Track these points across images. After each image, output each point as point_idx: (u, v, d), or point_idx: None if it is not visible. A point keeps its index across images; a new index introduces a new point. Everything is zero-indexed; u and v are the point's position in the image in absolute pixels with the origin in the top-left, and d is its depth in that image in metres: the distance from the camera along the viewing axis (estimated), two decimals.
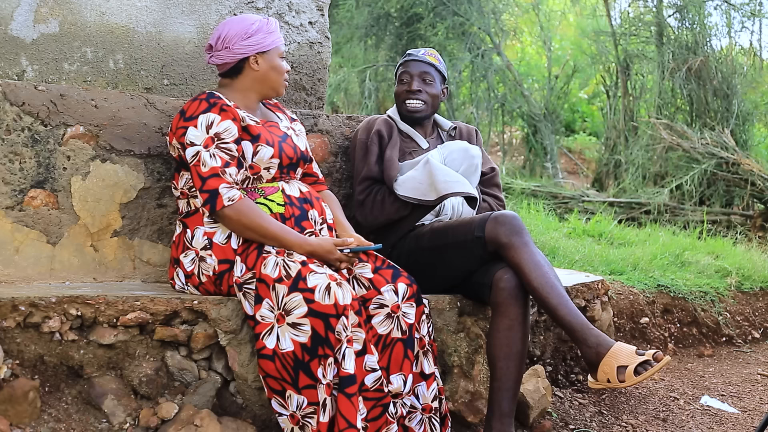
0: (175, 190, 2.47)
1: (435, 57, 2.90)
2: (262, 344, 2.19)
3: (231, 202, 2.27)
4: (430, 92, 2.86)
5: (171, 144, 2.43)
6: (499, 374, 2.46)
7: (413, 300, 2.39)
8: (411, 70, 2.88)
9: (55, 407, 2.14)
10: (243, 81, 2.49)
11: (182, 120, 2.36)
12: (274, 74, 2.50)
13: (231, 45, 2.44)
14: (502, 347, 2.46)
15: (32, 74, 2.64)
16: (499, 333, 2.46)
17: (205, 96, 2.39)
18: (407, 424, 2.37)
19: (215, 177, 2.29)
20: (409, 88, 2.86)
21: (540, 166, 10.83)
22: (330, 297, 2.14)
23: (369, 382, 2.21)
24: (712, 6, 9.81)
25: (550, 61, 12.26)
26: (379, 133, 2.83)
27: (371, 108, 10.44)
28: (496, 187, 2.96)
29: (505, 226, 2.46)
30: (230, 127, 2.35)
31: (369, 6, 10.51)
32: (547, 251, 4.63)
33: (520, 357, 2.46)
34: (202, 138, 2.32)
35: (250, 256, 2.29)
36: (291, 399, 2.17)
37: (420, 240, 2.69)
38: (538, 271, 2.40)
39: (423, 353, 2.40)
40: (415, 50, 2.93)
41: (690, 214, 7.50)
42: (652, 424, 2.95)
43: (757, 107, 9.35)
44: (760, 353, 4.11)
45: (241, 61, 2.47)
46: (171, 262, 2.47)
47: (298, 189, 2.47)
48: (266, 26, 2.48)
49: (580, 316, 2.36)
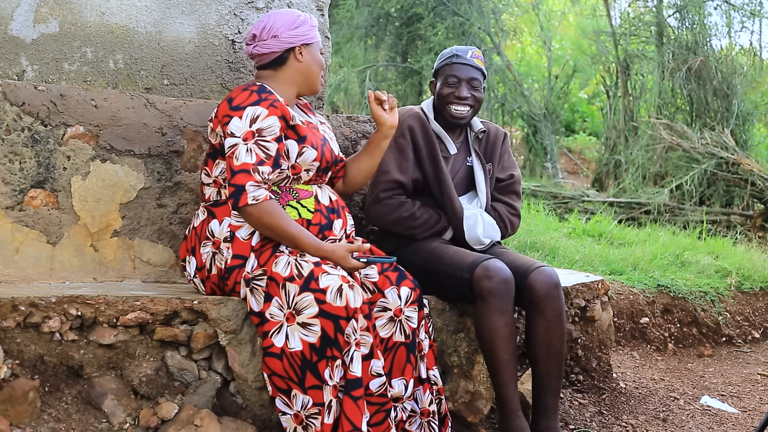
0: (207, 177, 2.42)
1: (481, 59, 2.80)
2: (270, 342, 2.19)
3: (255, 201, 2.23)
4: (477, 98, 2.77)
5: (214, 131, 2.38)
6: (540, 373, 2.55)
7: (416, 304, 2.39)
8: (460, 74, 2.75)
9: (55, 407, 2.14)
10: (286, 73, 2.45)
11: (229, 108, 2.32)
12: (315, 68, 2.48)
13: (279, 34, 2.41)
14: (541, 348, 2.53)
15: (32, 74, 2.64)
16: (538, 335, 2.53)
17: (256, 88, 2.35)
18: (407, 428, 2.37)
19: (245, 173, 2.24)
20: (458, 93, 2.73)
21: (540, 166, 10.83)
22: (341, 299, 2.14)
23: (374, 387, 2.21)
24: (712, 6, 9.82)
25: (550, 61, 12.26)
26: (411, 130, 2.75)
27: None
28: (514, 195, 2.89)
29: (491, 280, 2.45)
30: (274, 125, 2.30)
31: (369, 6, 10.52)
32: (547, 251, 4.63)
33: (559, 355, 2.54)
34: (243, 130, 2.27)
35: (264, 254, 2.28)
36: (296, 398, 2.17)
37: (415, 256, 2.67)
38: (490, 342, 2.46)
39: (419, 358, 2.41)
40: (463, 50, 2.79)
41: (690, 214, 7.50)
42: (652, 424, 2.95)
43: (757, 107, 9.36)
44: (760, 353, 4.11)
45: (287, 51, 2.44)
46: (186, 248, 2.43)
47: (329, 197, 2.45)
48: (310, 20, 2.48)
49: (516, 399, 2.48)
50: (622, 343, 3.94)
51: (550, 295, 2.50)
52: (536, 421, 2.53)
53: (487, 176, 2.83)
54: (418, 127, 2.77)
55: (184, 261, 2.44)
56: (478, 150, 2.85)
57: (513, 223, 2.86)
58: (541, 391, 2.56)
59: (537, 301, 2.51)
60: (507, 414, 2.48)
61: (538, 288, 2.50)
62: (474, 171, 2.82)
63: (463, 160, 2.84)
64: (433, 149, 2.76)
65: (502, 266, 2.48)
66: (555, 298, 2.51)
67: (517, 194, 2.90)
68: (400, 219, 2.70)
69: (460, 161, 2.83)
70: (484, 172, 2.83)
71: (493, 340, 2.45)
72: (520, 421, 2.47)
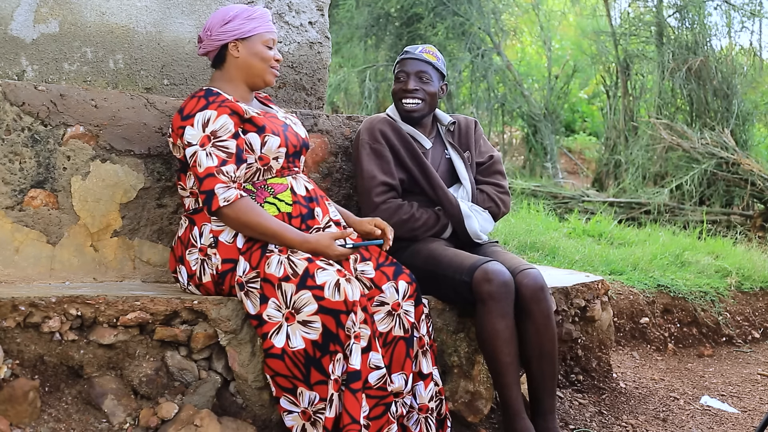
0: (183, 190, 2.45)
1: (432, 54, 2.84)
2: (270, 344, 2.19)
3: (227, 202, 2.25)
4: (427, 90, 2.80)
5: (175, 145, 2.40)
6: (534, 375, 2.55)
7: (413, 299, 2.39)
8: (407, 68, 2.81)
9: (55, 407, 2.14)
10: (227, 70, 2.46)
11: (181, 119, 2.35)
12: (256, 61, 2.45)
13: (211, 32, 2.43)
14: (533, 350, 2.53)
15: (32, 74, 2.64)
16: (529, 337, 2.52)
17: (202, 93, 2.37)
18: (405, 423, 2.37)
19: (210, 177, 2.26)
20: (405, 87, 2.79)
21: (540, 166, 10.83)
22: (340, 293, 2.14)
23: (372, 380, 2.21)
24: (712, 6, 9.82)
25: (550, 61, 12.26)
26: (383, 134, 2.79)
27: (371, 108, 10.44)
28: (498, 174, 2.91)
29: (491, 284, 2.45)
30: (226, 123, 2.31)
31: (369, 6, 10.51)
32: (547, 251, 4.63)
33: (551, 356, 2.54)
34: (198, 137, 2.29)
35: (254, 255, 2.28)
36: (303, 396, 2.17)
37: (415, 257, 2.68)
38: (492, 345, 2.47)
39: (422, 353, 2.41)
40: (413, 47, 2.87)
41: (690, 214, 7.50)
42: (652, 424, 2.95)
43: (757, 107, 9.35)
44: (760, 353, 4.11)
45: (222, 48, 2.44)
46: (174, 258, 2.45)
47: (305, 187, 2.46)
48: (245, 12, 2.44)
49: (519, 401, 2.48)
50: (622, 343, 3.94)
51: (536, 298, 2.50)
52: (535, 422, 2.52)
53: (467, 164, 2.86)
54: (389, 130, 2.80)
55: (175, 272, 2.45)
56: (452, 141, 2.89)
57: (504, 200, 2.88)
58: (536, 392, 2.56)
59: (524, 304, 2.51)
60: (511, 416, 2.47)
61: (524, 291, 2.50)
62: (453, 162, 2.85)
63: (441, 154, 2.87)
64: (410, 147, 2.79)
65: (501, 269, 2.48)
66: (541, 300, 2.50)
67: (501, 173, 2.93)
68: (401, 222, 2.70)
69: (438, 156, 2.86)
70: (463, 160, 2.86)
71: (494, 344, 2.46)
72: (525, 423, 2.47)
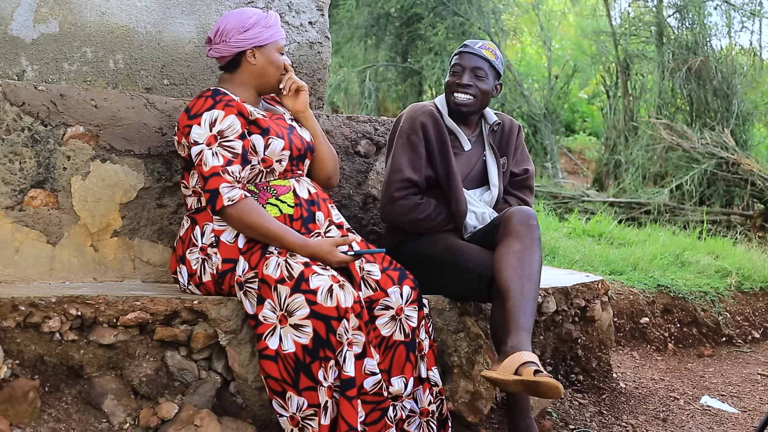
0: (186, 189, 2.45)
1: (492, 51, 2.78)
2: (264, 345, 2.19)
3: (231, 202, 2.26)
4: (481, 88, 2.75)
5: (180, 143, 2.40)
6: (514, 294, 2.30)
7: (416, 304, 2.39)
8: (464, 62, 2.75)
9: (55, 407, 2.14)
10: (241, 75, 2.48)
11: (188, 118, 2.35)
12: (271, 69, 2.48)
13: (228, 38, 2.43)
14: (515, 269, 2.34)
15: (32, 74, 2.64)
16: (511, 255, 2.37)
17: (210, 93, 2.38)
18: (406, 428, 2.37)
19: (216, 176, 2.27)
20: (459, 80, 2.73)
21: (540, 166, 10.81)
22: (332, 299, 2.14)
23: (368, 386, 2.21)
24: (712, 6, 9.82)
25: (550, 61, 12.26)
26: (423, 127, 2.73)
27: (371, 108, 10.45)
28: (527, 190, 2.89)
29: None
30: (233, 123, 2.33)
31: (369, 6, 10.52)
32: (547, 251, 4.63)
33: (535, 278, 2.36)
34: (205, 136, 2.30)
35: (254, 256, 2.28)
36: (291, 400, 2.16)
37: (434, 246, 2.66)
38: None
39: (419, 357, 2.41)
40: (473, 41, 2.80)
41: (690, 214, 7.50)
42: (652, 424, 2.95)
43: (757, 107, 9.35)
44: (760, 353, 4.11)
45: (238, 54, 2.46)
46: (176, 257, 2.45)
47: (308, 189, 2.46)
48: (264, 20, 2.46)
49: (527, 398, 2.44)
50: (622, 343, 3.94)
51: (526, 223, 2.43)
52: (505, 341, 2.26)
53: (500, 170, 2.83)
54: (430, 124, 2.75)
55: (175, 273, 2.45)
56: (492, 143, 2.85)
57: None
58: (512, 312, 2.28)
59: (512, 227, 2.43)
60: (515, 414, 2.47)
61: (515, 220, 2.44)
62: (488, 165, 2.82)
63: (479, 155, 2.82)
64: (444, 147, 2.74)
65: None
66: (533, 227, 2.43)
67: (530, 189, 2.91)
68: (416, 221, 2.70)
69: (476, 157, 2.82)
70: (498, 166, 2.82)
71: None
72: (530, 422, 2.46)
